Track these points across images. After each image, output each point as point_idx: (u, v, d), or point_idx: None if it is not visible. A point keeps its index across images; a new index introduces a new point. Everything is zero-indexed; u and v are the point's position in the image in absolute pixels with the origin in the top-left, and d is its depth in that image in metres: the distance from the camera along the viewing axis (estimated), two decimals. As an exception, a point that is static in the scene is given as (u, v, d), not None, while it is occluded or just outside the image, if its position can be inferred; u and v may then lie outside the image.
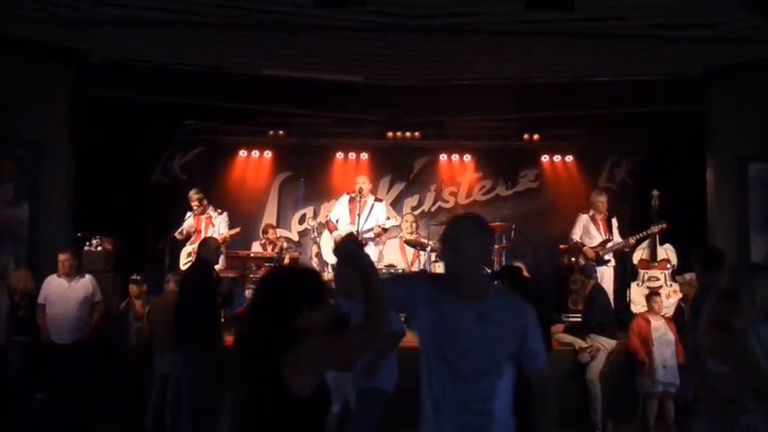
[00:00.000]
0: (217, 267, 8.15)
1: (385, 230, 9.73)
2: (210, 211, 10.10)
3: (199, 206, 9.97)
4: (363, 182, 9.85)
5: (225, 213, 10.19)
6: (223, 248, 9.31)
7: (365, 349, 3.03)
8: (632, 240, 9.69)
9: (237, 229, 10.14)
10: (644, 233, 9.69)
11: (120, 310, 8.37)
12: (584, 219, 9.90)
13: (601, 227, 9.81)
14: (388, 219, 9.80)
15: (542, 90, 10.18)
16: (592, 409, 7.91)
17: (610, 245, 9.70)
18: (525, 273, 7.35)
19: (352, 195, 9.79)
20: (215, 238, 8.39)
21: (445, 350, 3.01)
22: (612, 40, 8.21)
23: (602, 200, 9.92)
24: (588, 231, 9.81)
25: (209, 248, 7.45)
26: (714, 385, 3.99)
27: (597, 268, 9.02)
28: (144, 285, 8.42)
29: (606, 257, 9.66)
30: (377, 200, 9.87)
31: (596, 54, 9.01)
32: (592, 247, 9.66)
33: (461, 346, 2.99)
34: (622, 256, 10.00)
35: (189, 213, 10.11)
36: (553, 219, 12.01)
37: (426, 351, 3.10)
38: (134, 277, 8.38)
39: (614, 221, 9.94)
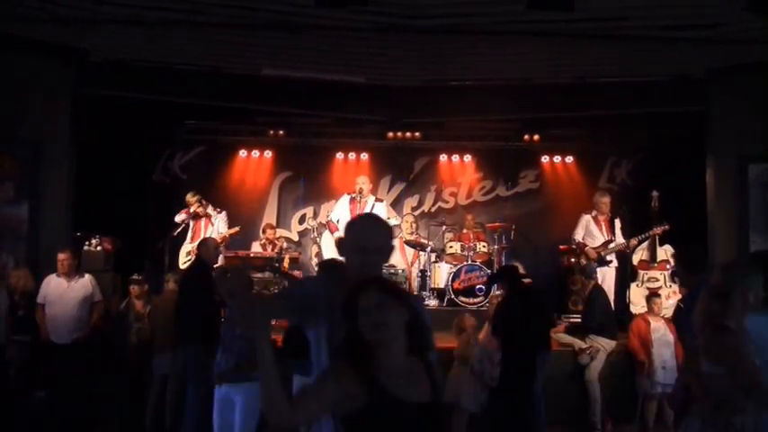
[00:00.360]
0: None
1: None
2: (210, 210, 10.10)
3: (197, 208, 9.98)
4: (364, 182, 9.86)
5: (224, 212, 10.20)
6: (222, 248, 9.32)
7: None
8: (634, 241, 9.69)
9: (237, 228, 10.15)
10: (646, 234, 9.69)
11: (121, 310, 8.36)
12: (586, 219, 9.89)
13: (603, 227, 9.81)
14: (389, 219, 9.80)
15: (543, 90, 10.18)
16: (591, 409, 7.92)
17: (612, 246, 9.70)
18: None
19: (353, 196, 9.80)
20: (214, 239, 8.40)
21: None
22: (613, 40, 8.21)
23: (605, 201, 9.92)
24: (590, 232, 9.81)
25: (207, 248, 7.46)
26: (709, 387, 3.98)
27: (599, 269, 9.02)
28: (145, 285, 8.42)
29: (608, 258, 9.66)
30: (377, 200, 9.89)
31: (597, 55, 9.02)
32: (594, 248, 9.66)
33: None
34: (622, 257, 10.00)
35: (184, 216, 10.12)
36: (553, 219, 12.02)
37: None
38: (135, 277, 8.36)
39: (617, 222, 9.93)
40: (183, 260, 9.92)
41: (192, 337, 6.77)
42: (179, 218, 10.20)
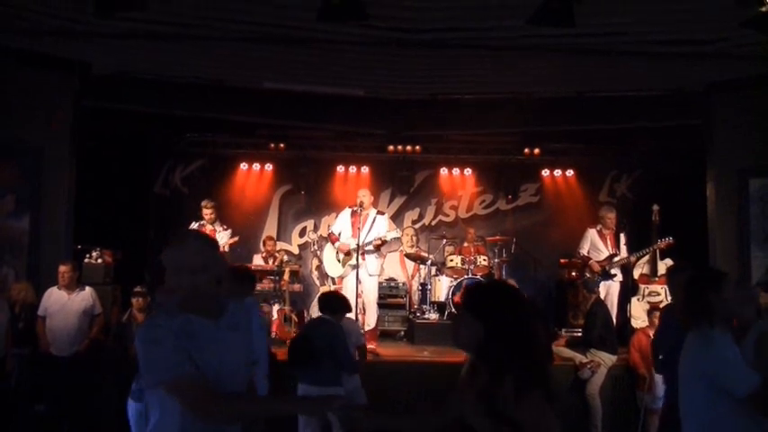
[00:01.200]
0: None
1: (385, 242, 9.74)
2: (217, 225, 10.11)
3: (211, 215, 9.98)
4: (365, 195, 9.87)
5: (229, 231, 10.19)
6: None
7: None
8: (633, 258, 9.68)
9: (236, 238, 10.14)
10: (649, 248, 9.68)
11: (123, 323, 8.34)
12: (591, 233, 9.88)
13: (608, 242, 9.80)
14: (389, 231, 9.81)
15: (543, 104, 10.20)
16: (592, 424, 7.90)
17: (616, 259, 9.69)
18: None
19: (354, 209, 9.81)
20: (225, 253, 8.37)
21: (220, 367, 2.89)
22: (613, 55, 8.23)
23: (610, 216, 9.90)
24: (596, 246, 9.80)
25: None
26: None
27: (603, 283, 9.01)
28: (148, 298, 8.40)
29: (612, 272, 9.64)
30: (379, 213, 9.90)
31: (597, 69, 9.03)
32: (598, 261, 9.65)
33: (231, 357, 2.94)
34: (624, 271, 9.99)
35: (194, 224, 10.10)
36: (554, 233, 12.04)
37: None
38: (138, 289, 8.32)
39: (623, 237, 9.92)
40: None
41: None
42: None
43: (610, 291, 9.44)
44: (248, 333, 3.07)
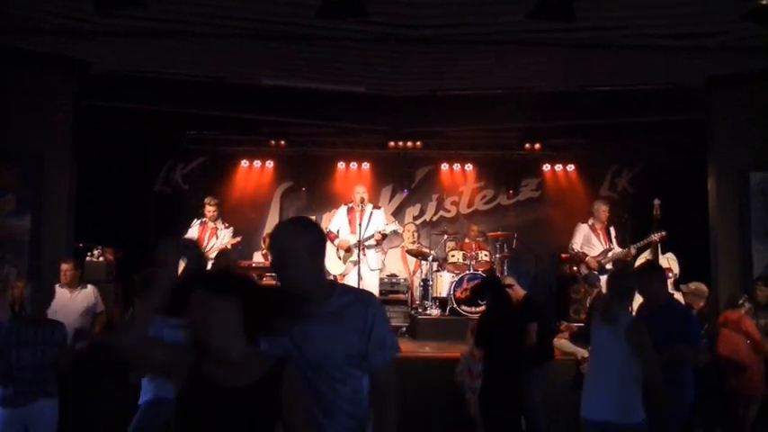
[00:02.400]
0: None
1: (385, 236, 9.74)
2: (218, 222, 10.10)
3: (213, 213, 9.98)
4: (363, 191, 9.88)
5: (231, 228, 10.18)
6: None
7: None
8: (633, 249, 9.67)
9: (239, 238, 10.14)
10: (644, 242, 9.67)
11: (126, 321, 8.35)
12: (584, 228, 9.88)
13: (601, 236, 9.80)
14: (387, 225, 9.82)
15: (544, 99, 10.19)
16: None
17: (611, 254, 9.69)
18: (518, 287, 7.28)
19: (350, 205, 9.82)
20: (232, 251, 8.35)
21: (305, 354, 2.87)
22: (613, 49, 8.22)
23: (603, 209, 9.91)
24: (589, 241, 9.80)
25: (227, 259, 7.36)
26: None
27: (600, 277, 9.00)
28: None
29: (608, 267, 9.64)
30: (375, 207, 9.90)
31: (597, 63, 9.03)
32: (593, 257, 9.65)
33: (316, 347, 2.87)
34: (624, 266, 9.99)
35: (195, 221, 10.09)
36: (555, 228, 12.03)
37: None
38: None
39: (612, 230, 9.92)
40: (182, 271, 9.87)
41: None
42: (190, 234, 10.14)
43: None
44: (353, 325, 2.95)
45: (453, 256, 10.65)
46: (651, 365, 4.60)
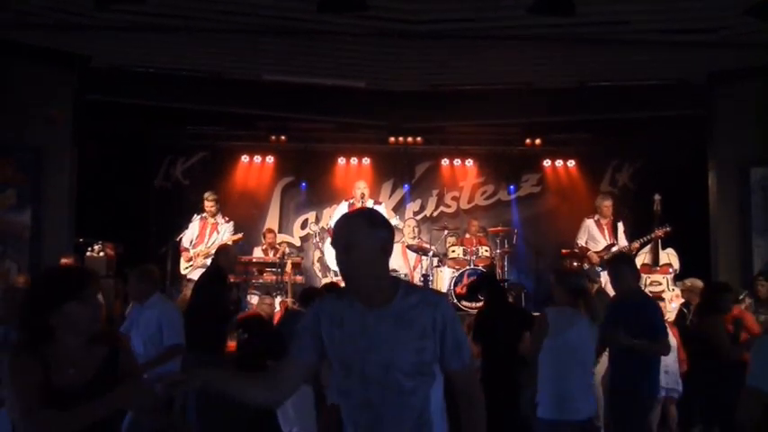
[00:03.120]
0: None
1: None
2: (218, 218, 10.09)
3: (213, 208, 9.97)
4: (364, 187, 9.87)
5: (231, 222, 10.17)
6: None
7: None
8: (636, 244, 9.66)
9: (240, 235, 10.13)
10: (647, 237, 9.66)
11: (126, 316, 8.34)
12: (588, 223, 9.86)
13: (606, 231, 9.78)
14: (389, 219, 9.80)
15: (544, 95, 10.19)
16: (594, 413, 7.88)
17: (614, 249, 9.68)
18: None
19: (351, 201, 9.81)
20: (233, 246, 8.35)
21: (364, 366, 2.61)
22: (614, 44, 8.22)
23: (607, 204, 9.89)
24: (593, 236, 9.78)
25: (227, 256, 7.32)
26: None
27: (603, 273, 9.00)
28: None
29: (612, 262, 9.62)
30: (376, 203, 9.89)
31: (598, 59, 9.02)
32: (596, 252, 9.64)
33: (380, 356, 2.60)
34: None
35: (195, 217, 10.08)
36: (555, 223, 12.02)
37: (345, 373, 2.67)
38: None
39: (620, 226, 9.89)
40: (185, 266, 9.90)
41: (203, 344, 6.73)
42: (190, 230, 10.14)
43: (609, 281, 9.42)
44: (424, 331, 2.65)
45: (454, 251, 10.64)
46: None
